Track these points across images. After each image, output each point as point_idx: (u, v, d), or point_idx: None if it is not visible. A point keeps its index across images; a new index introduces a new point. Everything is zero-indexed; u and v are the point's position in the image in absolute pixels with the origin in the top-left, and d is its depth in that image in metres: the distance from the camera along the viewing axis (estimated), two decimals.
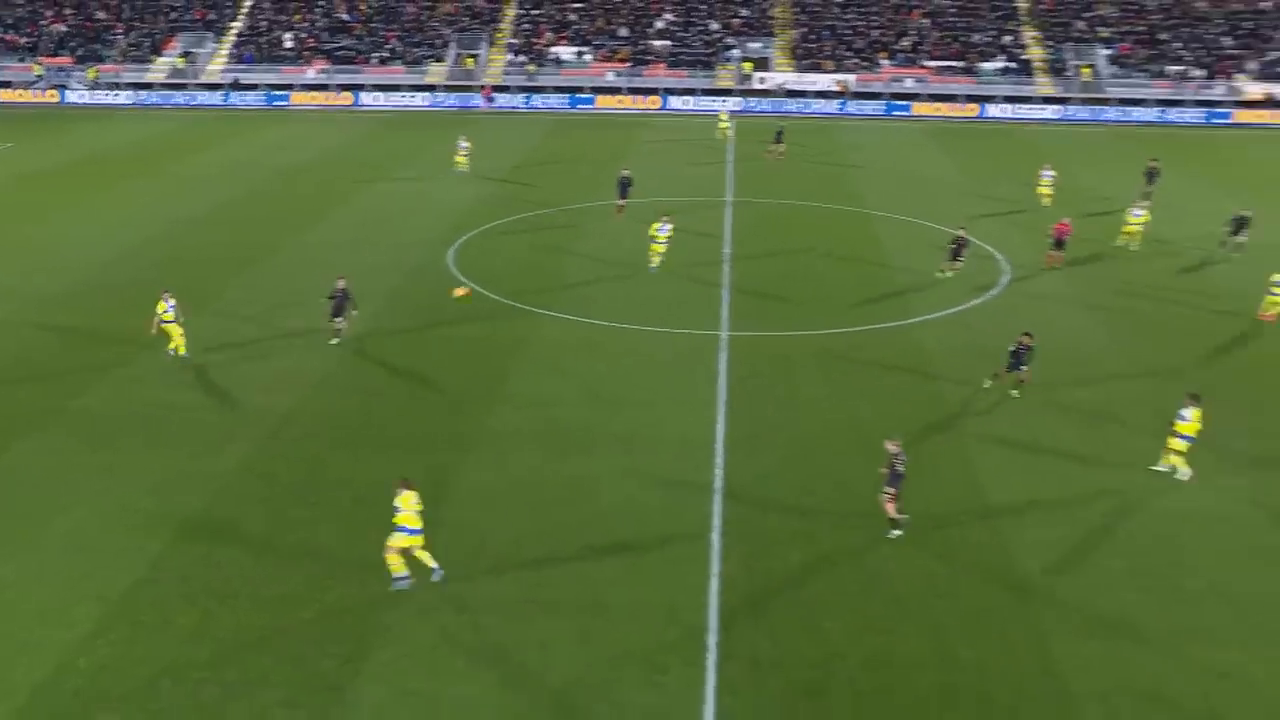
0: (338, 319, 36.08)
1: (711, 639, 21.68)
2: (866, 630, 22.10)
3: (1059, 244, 45.41)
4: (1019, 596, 23.37)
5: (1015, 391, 32.98)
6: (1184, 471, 28.12)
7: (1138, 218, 48.79)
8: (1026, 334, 32.90)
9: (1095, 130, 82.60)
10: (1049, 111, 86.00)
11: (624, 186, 52.32)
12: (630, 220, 50.24)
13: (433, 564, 23.27)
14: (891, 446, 25.05)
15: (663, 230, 43.34)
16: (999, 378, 33.15)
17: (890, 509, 25.08)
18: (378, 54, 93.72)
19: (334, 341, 36.13)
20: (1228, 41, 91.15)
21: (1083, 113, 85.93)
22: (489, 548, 24.67)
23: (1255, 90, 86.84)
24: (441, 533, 24.86)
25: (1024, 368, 32.76)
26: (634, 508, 26.41)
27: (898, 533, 25.16)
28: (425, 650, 21.28)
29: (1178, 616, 22.87)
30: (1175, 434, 27.97)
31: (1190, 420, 27.75)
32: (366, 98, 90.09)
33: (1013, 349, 32.74)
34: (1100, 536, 25.73)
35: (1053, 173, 56.89)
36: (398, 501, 22.82)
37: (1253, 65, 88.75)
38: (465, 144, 63.45)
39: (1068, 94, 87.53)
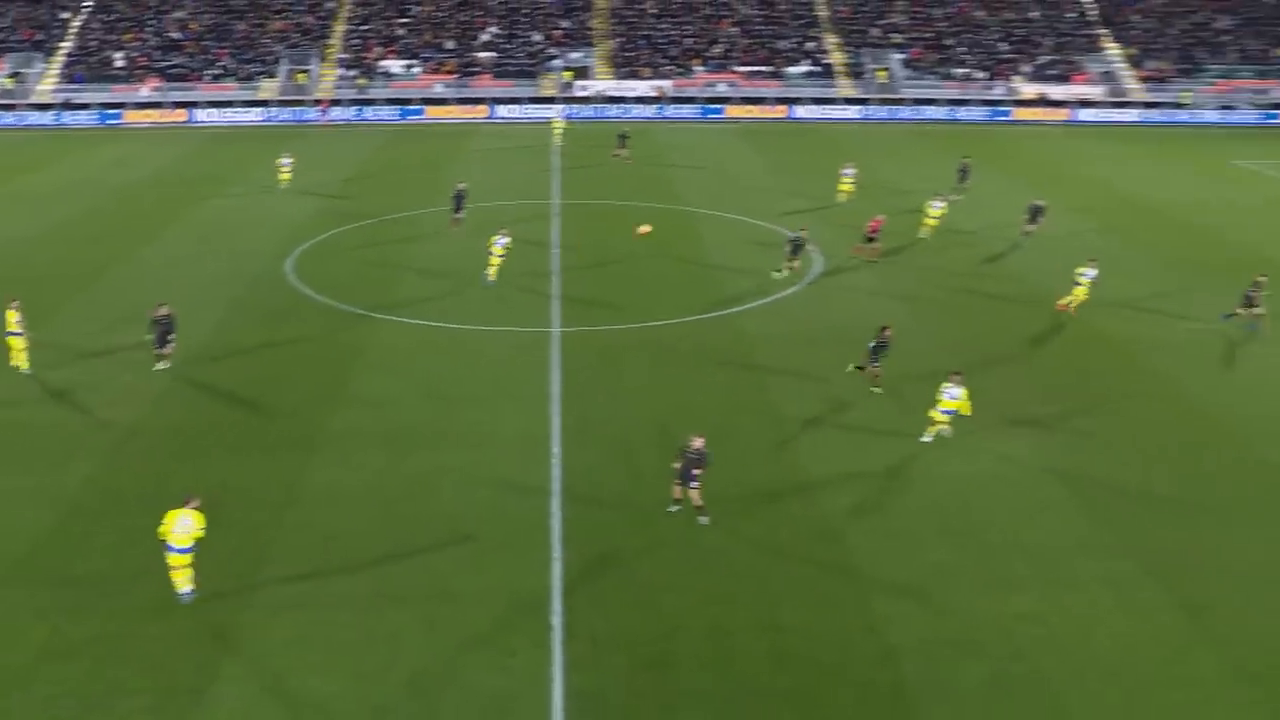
0: (162, 347, 33.91)
1: (556, 620, 21.64)
2: (704, 602, 22.33)
3: (870, 238, 46.23)
4: (840, 562, 23.91)
5: (877, 388, 32.88)
6: (946, 430, 29.22)
7: (937, 210, 49.89)
8: (885, 327, 32.90)
9: (893, 128, 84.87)
10: (851, 112, 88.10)
11: (459, 199, 50.93)
12: (467, 231, 49.49)
13: (185, 588, 22.13)
14: (696, 441, 24.89)
15: (500, 243, 42.38)
16: (863, 370, 33.02)
17: (695, 495, 24.92)
18: (210, 71, 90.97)
19: (159, 367, 33.92)
20: (1004, 47, 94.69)
21: (881, 112, 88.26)
22: (337, 546, 24.20)
23: (1029, 90, 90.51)
24: (290, 535, 24.34)
25: (879, 364, 32.56)
26: (476, 500, 26.20)
27: (705, 519, 25.07)
28: (280, 649, 20.76)
29: (982, 569, 23.72)
30: (939, 408, 28.88)
31: (960, 398, 28.61)
32: (201, 114, 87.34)
33: (873, 344, 32.49)
34: (910, 503, 26.51)
35: (853, 170, 57.97)
36: (167, 519, 21.91)
37: (1026, 68, 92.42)
38: (288, 160, 61.36)
39: (867, 95, 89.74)
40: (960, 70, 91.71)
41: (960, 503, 26.48)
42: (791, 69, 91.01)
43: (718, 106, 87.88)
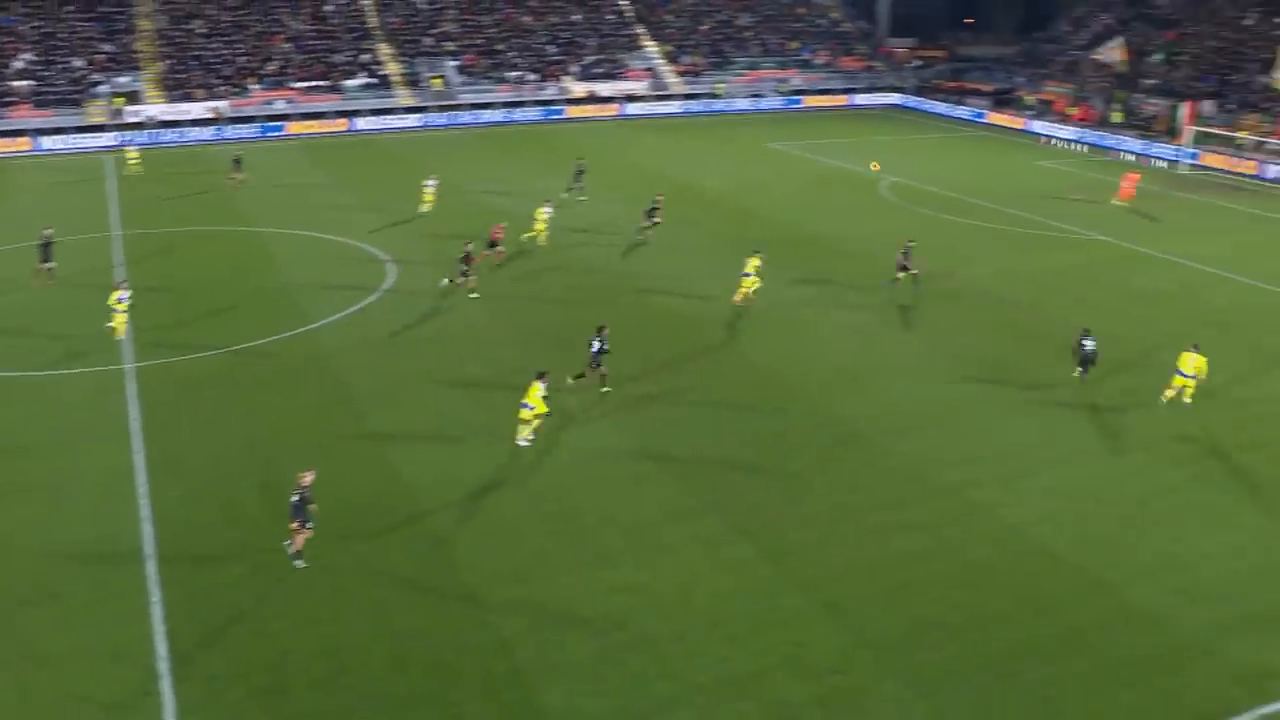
0: None
1: (163, 666, 20.56)
2: (314, 623, 21.93)
3: (493, 244, 45.64)
4: (447, 563, 24.12)
5: (605, 389, 33.06)
6: (525, 440, 29.44)
7: (546, 215, 49.71)
8: (602, 326, 33.04)
9: (453, 134, 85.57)
10: (411, 120, 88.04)
11: (46, 248, 43.64)
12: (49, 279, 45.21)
13: None
14: (305, 477, 23.84)
15: (121, 298, 37.48)
16: (584, 378, 32.84)
17: (299, 540, 23.73)
18: None
19: None
20: (553, 49, 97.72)
21: (440, 119, 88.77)
22: None
23: (579, 89, 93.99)
24: None
25: (601, 365, 32.61)
26: (61, 552, 24.34)
27: (301, 564, 23.88)
28: None
29: (580, 548, 24.67)
30: (528, 409, 29.17)
31: (537, 397, 29.02)
32: None
33: (595, 349, 32.52)
34: (508, 499, 27.09)
35: (435, 181, 57.58)
36: None
37: (574, 68, 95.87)
38: None
39: (425, 103, 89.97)
40: (513, 74, 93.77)
41: (557, 492, 27.32)
42: (349, 82, 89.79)
43: (278, 124, 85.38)
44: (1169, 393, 32.82)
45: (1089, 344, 34.54)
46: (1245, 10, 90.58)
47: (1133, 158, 76.89)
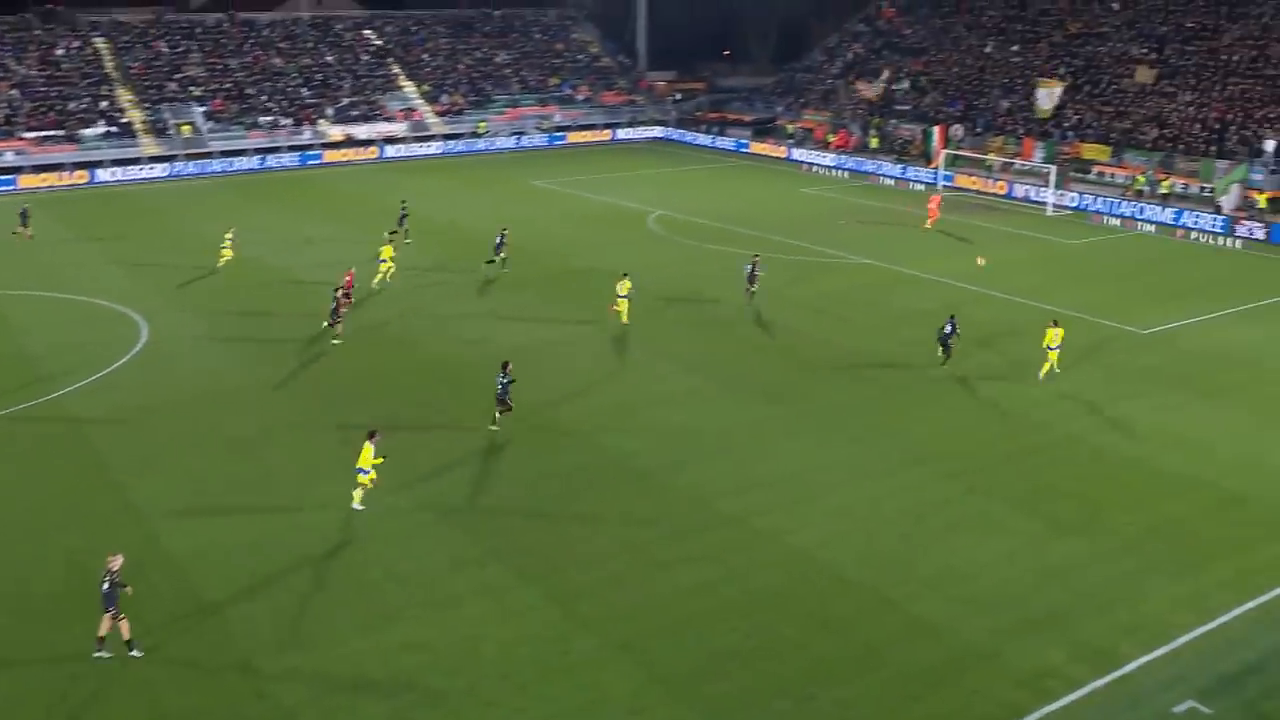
0: None
1: None
2: (70, 713, 20.62)
3: (348, 293, 43.36)
4: (220, 634, 23.18)
5: (494, 426, 33.55)
6: (358, 505, 28.68)
7: (382, 264, 49.40)
8: (506, 363, 33.49)
9: (204, 182, 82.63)
10: (158, 170, 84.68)
11: None
12: None
13: None
14: (114, 561, 22.41)
15: None
16: (501, 414, 33.43)
17: (124, 628, 22.21)
18: None
19: None
20: (306, 92, 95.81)
21: (190, 168, 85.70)
22: None
23: (336, 132, 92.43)
24: None
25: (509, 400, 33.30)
26: None
27: (138, 653, 22.43)
28: None
29: (362, 607, 24.11)
30: (359, 471, 28.30)
31: (371, 456, 28.25)
32: None
33: (502, 384, 33.01)
34: (282, 558, 26.22)
35: (234, 233, 54.28)
36: None
37: (330, 111, 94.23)
38: None
39: (173, 151, 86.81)
40: (266, 118, 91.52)
41: (333, 551, 26.65)
42: (87, 131, 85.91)
43: (8, 178, 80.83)
44: (1045, 366, 38.05)
45: (948, 328, 39.05)
46: (985, 39, 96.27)
47: (891, 182, 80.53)
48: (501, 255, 52.46)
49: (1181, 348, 42.16)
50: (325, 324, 42.76)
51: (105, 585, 22.06)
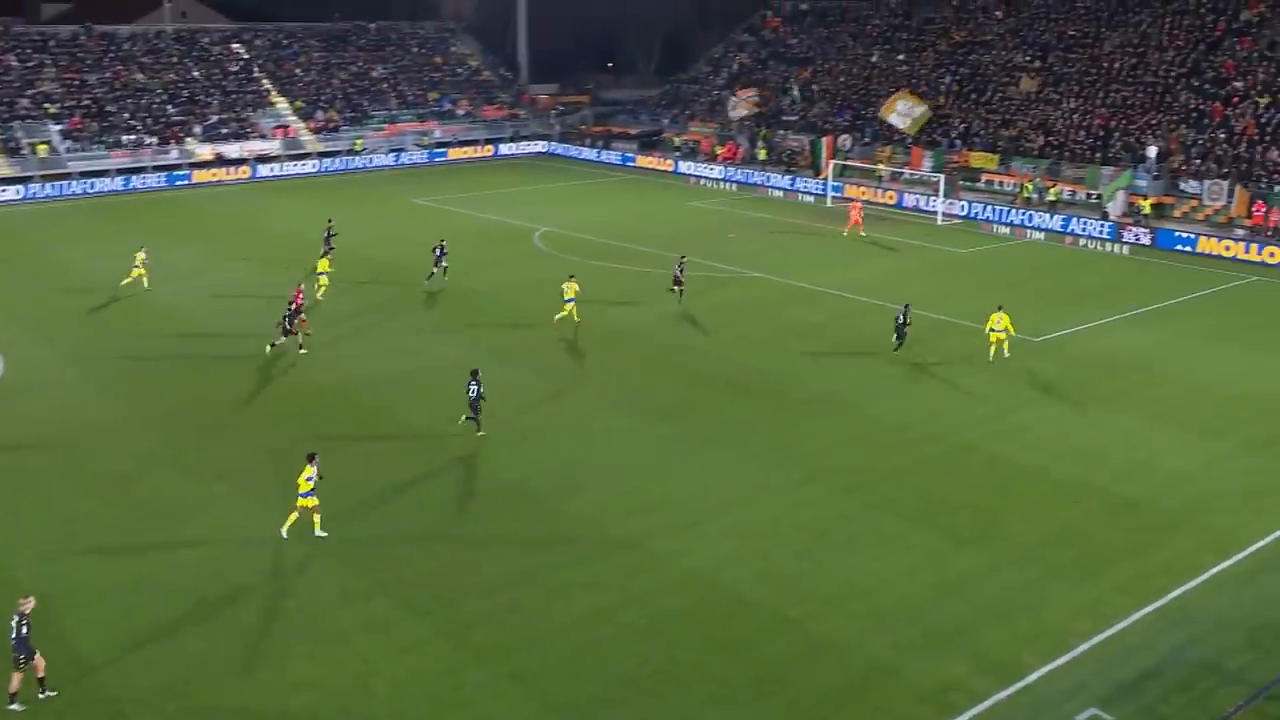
0: None
1: None
2: None
3: (298, 311, 42.69)
4: (90, 684, 22.38)
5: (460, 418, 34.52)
6: (285, 530, 28.20)
7: (322, 280, 50.13)
8: (475, 370, 34.26)
9: (63, 205, 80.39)
10: (11, 192, 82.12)
11: None
12: None
13: None
14: (26, 604, 21.59)
15: None
16: (474, 420, 34.41)
17: (16, 680, 21.38)
18: None
19: None
20: (172, 110, 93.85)
21: (47, 189, 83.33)
22: None
23: (205, 151, 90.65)
24: None
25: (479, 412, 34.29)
26: None
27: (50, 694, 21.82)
28: None
29: (244, 648, 23.52)
30: (301, 495, 27.92)
31: (310, 478, 27.83)
32: None
33: (473, 394, 33.89)
34: (153, 599, 25.49)
35: (145, 251, 52.60)
36: None
37: (198, 129, 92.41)
38: None
39: (28, 173, 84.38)
40: (129, 137, 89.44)
41: (208, 590, 25.91)
42: None
43: None
44: (992, 349, 41.30)
45: (900, 317, 42.32)
46: (870, 48, 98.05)
47: (780, 194, 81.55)
48: (444, 265, 52.88)
49: (1072, 354, 43.29)
50: (269, 346, 42.31)
51: (24, 630, 21.17)
